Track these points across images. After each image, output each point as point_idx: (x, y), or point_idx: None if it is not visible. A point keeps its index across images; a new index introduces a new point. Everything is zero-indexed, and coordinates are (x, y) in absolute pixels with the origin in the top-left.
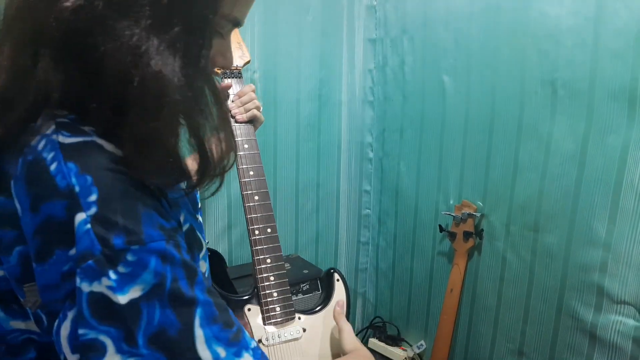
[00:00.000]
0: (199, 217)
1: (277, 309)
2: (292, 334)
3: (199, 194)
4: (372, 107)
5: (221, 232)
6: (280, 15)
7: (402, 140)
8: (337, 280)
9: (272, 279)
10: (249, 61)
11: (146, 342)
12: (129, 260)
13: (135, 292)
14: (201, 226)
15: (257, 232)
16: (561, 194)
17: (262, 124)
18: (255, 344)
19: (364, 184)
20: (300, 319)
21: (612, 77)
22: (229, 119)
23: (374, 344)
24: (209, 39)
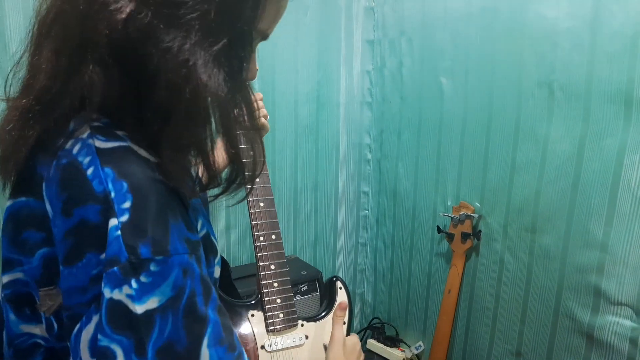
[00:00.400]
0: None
1: (280, 316)
2: (294, 340)
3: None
4: (370, 109)
5: (220, 233)
6: None
7: (400, 141)
8: (340, 288)
9: (275, 285)
10: (256, 69)
11: (154, 354)
12: (151, 270)
13: (152, 303)
14: (213, 231)
15: (261, 239)
16: (558, 195)
17: (267, 131)
18: None
19: (362, 185)
20: (303, 325)
21: (608, 80)
22: (259, 129)
23: (372, 345)
24: (249, 52)
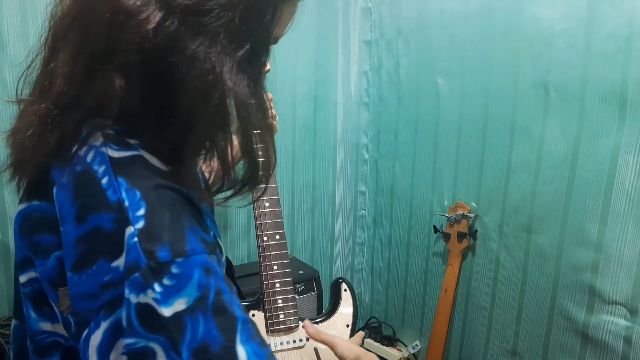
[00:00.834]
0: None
1: (281, 316)
2: (295, 341)
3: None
4: (367, 109)
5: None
6: None
7: (397, 141)
8: (345, 290)
9: (277, 286)
10: (269, 70)
11: (190, 356)
12: (173, 272)
13: (179, 305)
14: (218, 233)
15: (265, 239)
16: (553, 195)
17: (276, 132)
18: None
19: (359, 185)
20: (304, 327)
21: (603, 80)
22: (272, 130)
23: (369, 344)
24: (266, 57)
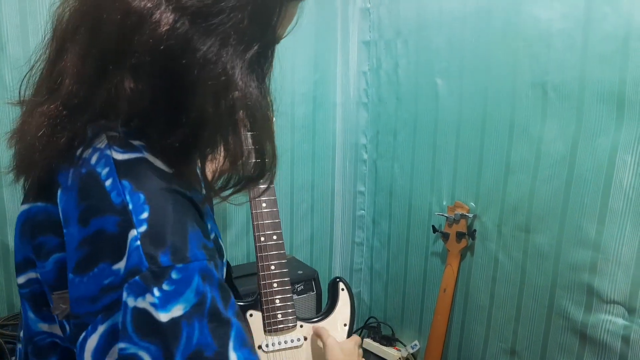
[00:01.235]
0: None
1: (279, 316)
2: (293, 341)
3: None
4: (366, 109)
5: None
6: None
7: (396, 141)
8: (342, 289)
9: (275, 286)
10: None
11: None
12: (173, 278)
13: (177, 311)
14: (220, 233)
15: (262, 239)
16: (552, 195)
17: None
18: None
19: (358, 185)
20: (302, 327)
21: (601, 80)
22: (273, 130)
23: (368, 344)
24: (272, 57)
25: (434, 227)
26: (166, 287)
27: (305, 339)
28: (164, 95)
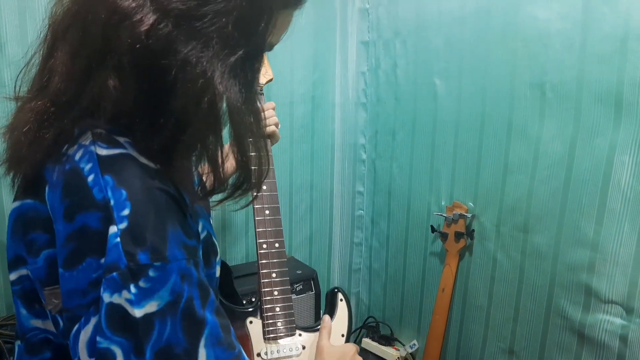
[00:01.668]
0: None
1: (279, 324)
2: (291, 350)
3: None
4: (365, 109)
5: (215, 233)
6: None
7: (395, 141)
8: (341, 300)
9: (275, 294)
10: (272, 79)
11: (153, 356)
12: (150, 275)
13: (150, 307)
14: (214, 232)
15: (265, 247)
16: (550, 195)
17: (278, 140)
18: None
19: (357, 185)
20: (300, 335)
21: (599, 81)
22: (265, 137)
23: (367, 343)
24: (260, 64)
25: (432, 227)
26: (143, 284)
27: (303, 347)
28: (146, 95)
